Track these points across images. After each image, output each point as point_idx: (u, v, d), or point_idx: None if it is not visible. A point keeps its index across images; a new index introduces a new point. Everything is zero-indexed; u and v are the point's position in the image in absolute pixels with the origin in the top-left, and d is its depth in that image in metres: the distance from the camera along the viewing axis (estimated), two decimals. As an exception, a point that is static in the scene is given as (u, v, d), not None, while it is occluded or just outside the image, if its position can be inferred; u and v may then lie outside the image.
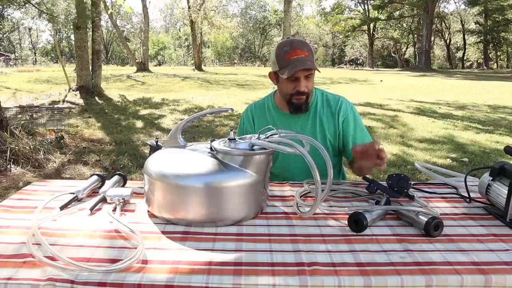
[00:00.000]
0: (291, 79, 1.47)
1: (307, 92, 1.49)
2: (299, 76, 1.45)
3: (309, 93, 1.51)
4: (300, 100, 1.51)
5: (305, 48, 1.45)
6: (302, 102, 1.51)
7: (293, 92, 1.49)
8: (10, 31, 49.27)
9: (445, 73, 24.51)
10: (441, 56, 46.44)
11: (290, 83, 1.48)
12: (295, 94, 1.49)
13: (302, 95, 1.49)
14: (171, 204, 1.02)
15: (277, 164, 1.59)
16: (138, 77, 16.47)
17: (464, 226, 1.04)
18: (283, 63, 1.45)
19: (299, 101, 1.51)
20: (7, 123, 4.33)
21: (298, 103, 1.52)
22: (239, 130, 1.72)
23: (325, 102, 1.60)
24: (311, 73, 1.48)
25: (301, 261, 0.83)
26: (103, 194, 1.16)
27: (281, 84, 1.52)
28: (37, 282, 0.75)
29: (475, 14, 37.40)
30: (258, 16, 49.58)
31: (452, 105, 8.80)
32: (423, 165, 1.39)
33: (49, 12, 8.06)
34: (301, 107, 1.53)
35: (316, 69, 1.46)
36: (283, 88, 1.52)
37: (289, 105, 1.55)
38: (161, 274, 0.78)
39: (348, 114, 1.59)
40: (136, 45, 40.90)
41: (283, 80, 1.48)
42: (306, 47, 1.46)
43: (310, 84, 1.50)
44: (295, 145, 0.98)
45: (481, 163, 4.22)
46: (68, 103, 8.38)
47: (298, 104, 1.52)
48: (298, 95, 1.49)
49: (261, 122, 1.62)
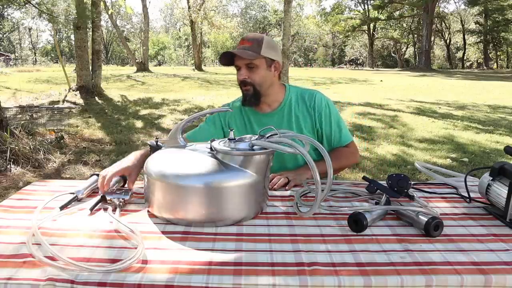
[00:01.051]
0: (236, 68, 1.50)
1: (250, 82, 1.48)
2: (238, 64, 1.48)
3: (255, 85, 1.49)
4: (247, 91, 1.50)
5: (251, 39, 1.46)
6: (249, 93, 1.50)
7: (239, 83, 1.51)
8: (10, 31, 49.27)
9: (445, 73, 24.51)
10: (441, 56, 46.44)
11: (236, 73, 1.51)
12: (241, 85, 1.51)
13: (245, 85, 1.49)
14: (171, 204, 1.02)
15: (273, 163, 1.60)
16: (138, 77, 16.47)
17: (464, 226, 1.04)
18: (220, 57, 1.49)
19: (246, 92, 1.50)
20: (7, 123, 4.33)
21: (245, 94, 1.51)
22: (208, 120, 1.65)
23: (300, 98, 1.59)
24: (253, 65, 1.46)
25: (301, 261, 0.83)
26: (102, 194, 1.16)
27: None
28: (37, 282, 0.75)
29: (475, 14, 37.40)
30: (258, 16, 49.55)
31: (452, 105, 8.80)
32: (423, 165, 1.39)
33: (49, 12, 8.05)
34: (247, 100, 1.52)
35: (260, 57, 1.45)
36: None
37: (242, 96, 1.56)
38: (161, 274, 0.78)
39: (323, 110, 1.57)
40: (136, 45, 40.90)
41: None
42: (253, 39, 1.47)
43: (255, 76, 1.48)
44: (295, 145, 0.98)
45: (481, 163, 4.22)
46: (68, 103, 8.38)
47: (245, 95, 1.52)
48: (242, 85, 1.50)
49: (237, 123, 1.60)
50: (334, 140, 1.59)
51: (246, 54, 1.43)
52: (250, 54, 1.43)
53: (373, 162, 4.27)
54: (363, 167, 4.03)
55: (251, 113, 1.60)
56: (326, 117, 1.57)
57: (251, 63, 1.46)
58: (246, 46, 1.45)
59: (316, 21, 44.41)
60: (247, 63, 1.46)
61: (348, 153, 1.61)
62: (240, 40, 1.50)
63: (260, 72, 1.48)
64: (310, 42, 48.43)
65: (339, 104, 8.39)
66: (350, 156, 1.63)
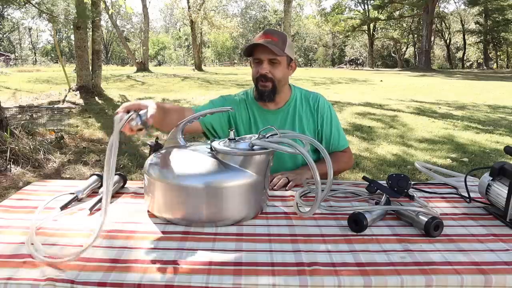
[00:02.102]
0: (256, 61, 1.48)
1: (271, 77, 1.47)
2: (262, 58, 1.45)
3: (274, 81, 1.48)
4: (265, 87, 1.48)
5: (276, 35, 1.45)
6: (267, 89, 1.49)
7: (257, 76, 1.48)
8: (10, 31, 49.27)
9: (445, 73, 24.51)
10: (441, 56, 46.44)
11: (255, 67, 1.49)
12: (260, 79, 1.48)
13: (266, 80, 1.47)
14: (171, 204, 1.02)
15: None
16: (138, 77, 16.48)
17: (464, 226, 1.04)
18: (249, 47, 1.47)
19: (264, 88, 1.49)
20: (7, 123, 4.33)
21: (262, 90, 1.49)
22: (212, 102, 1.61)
23: (304, 99, 1.60)
24: (277, 60, 1.46)
25: (301, 261, 0.83)
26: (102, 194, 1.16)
27: (252, 70, 1.53)
28: (37, 282, 0.75)
29: (475, 14, 37.39)
30: (258, 16, 49.57)
31: (452, 105, 8.80)
32: (423, 165, 1.39)
33: (49, 12, 8.05)
34: (264, 95, 1.51)
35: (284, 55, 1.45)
36: (252, 73, 1.53)
37: (256, 91, 1.53)
38: (161, 274, 0.78)
39: (326, 113, 1.59)
40: (136, 45, 40.91)
41: (252, 63, 1.50)
42: (278, 35, 1.46)
43: (276, 71, 1.47)
44: (295, 145, 0.98)
45: (481, 163, 4.22)
46: (68, 103, 8.38)
47: (262, 91, 1.50)
48: (262, 80, 1.47)
49: (242, 116, 1.59)
50: (333, 144, 1.61)
51: (276, 50, 1.42)
52: (278, 50, 1.43)
53: (373, 162, 4.27)
54: (363, 167, 4.03)
55: (256, 109, 1.59)
56: (327, 120, 1.59)
57: (275, 59, 1.45)
58: (272, 41, 1.43)
59: (316, 21, 44.42)
60: (271, 58, 1.45)
61: (346, 158, 1.64)
62: (263, 34, 1.47)
63: (282, 69, 1.49)
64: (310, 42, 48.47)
65: (339, 104, 8.39)
66: (347, 160, 1.66)
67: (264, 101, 1.54)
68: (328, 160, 1.00)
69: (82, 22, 8.56)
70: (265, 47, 1.42)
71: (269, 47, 1.41)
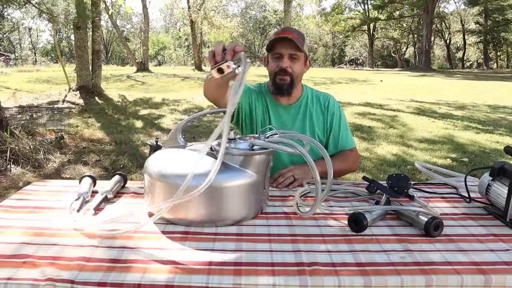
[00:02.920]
0: (276, 56, 1.50)
1: (290, 72, 1.50)
2: (282, 52, 1.48)
3: (293, 76, 1.51)
4: (284, 81, 1.51)
5: (295, 32, 1.49)
6: (286, 83, 1.51)
7: (276, 70, 1.50)
8: (10, 31, 49.25)
9: (445, 73, 24.51)
10: (441, 56, 46.42)
11: (274, 61, 1.51)
12: (279, 73, 1.50)
13: (285, 75, 1.49)
14: (171, 204, 1.01)
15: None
16: (138, 77, 16.47)
17: (464, 226, 1.04)
18: (271, 42, 1.49)
19: (283, 82, 1.51)
20: (7, 123, 4.33)
21: (281, 83, 1.51)
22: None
23: (315, 97, 1.64)
24: (297, 56, 1.49)
25: (301, 261, 0.83)
26: (105, 194, 1.16)
27: (269, 65, 1.55)
28: (37, 282, 0.75)
29: (475, 14, 37.38)
30: (258, 16, 49.56)
31: (452, 105, 8.80)
32: (423, 165, 1.39)
33: (49, 12, 8.05)
34: (283, 88, 1.53)
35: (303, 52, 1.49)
36: (269, 68, 1.55)
37: (273, 85, 1.55)
38: (161, 274, 0.78)
39: (335, 112, 1.63)
40: (136, 45, 40.90)
41: (270, 58, 1.52)
42: (297, 32, 1.50)
43: (295, 66, 1.50)
44: (295, 145, 0.98)
45: (481, 163, 4.22)
46: (68, 103, 8.38)
47: (281, 85, 1.52)
48: (281, 74, 1.49)
49: (257, 105, 1.61)
50: (341, 142, 1.63)
51: (300, 45, 1.46)
52: (299, 45, 1.46)
53: (373, 162, 4.27)
54: (363, 167, 4.03)
55: (269, 101, 1.62)
56: (336, 119, 1.63)
57: (296, 54, 1.49)
58: (294, 38, 1.46)
59: (316, 21, 44.39)
60: (292, 53, 1.48)
61: (353, 157, 1.66)
62: (282, 30, 1.52)
63: (300, 64, 1.52)
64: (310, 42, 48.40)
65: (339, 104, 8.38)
66: (354, 160, 1.68)
67: (282, 94, 1.55)
68: (328, 160, 1.00)
69: (82, 22, 8.56)
70: (286, 43, 1.45)
71: (294, 41, 1.44)
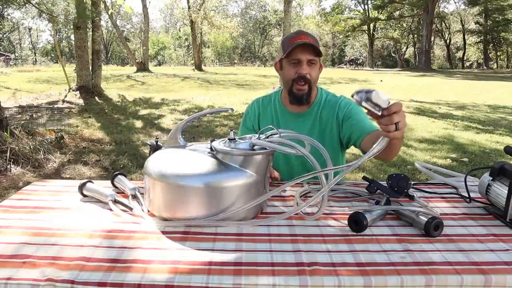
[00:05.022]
0: (293, 62, 1.42)
1: (309, 79, 1.43)
2: (301, 58, 1.41)
3: (311, 83, 1.44)
4: (302, 90, 1.44)
5: (310, 36, 1.42)
6: (304, 92, 1.44)
7: (294, 77, 1.43)
8: (10, 31, 49.24)
9: (445, 73, 24.51)
10: (441, 56, 46.42)
11: (292, 68, 1.43)
12: (297, 80, 1.43)
13: (303, 82, 1.42)
14: (171, 204, 1.02)
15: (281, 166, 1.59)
16: (138, 77, 16.47)
17: (464, 226, 1.04)
18: (287, 47, 1.41)
19: (300, 91, 1.44)
20: (7, 123, 4.33)
21: (298, 93, 1.45)
22: (243, 122, 1.67)
23: (328, 102, 1.55)
24: (315, 61, 1.43)
25: (301, 261, 0.83)
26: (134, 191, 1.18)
27: (284, 71, 1.47)
28: (36, 282, 0.75)
29: (475, 14, 37.38)
30: (258, 16, 49.54)
31: (452, 105, 8.80)
32: (423, 165, 1.39)
33: (49, 12, 8.05)
34: (302, 98, 1.46)
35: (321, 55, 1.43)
36: (285, 74, 1.47)
37: (290, 95, 1.48)
38: (161, 274, 0.78)
39: (348, 107, 1.50)
40: (136, 45, 40.90)
41: (286, 64, 1.44)
42: (312, 36, 1.43)
43: (313, 72, 1.44)
44: (296, 146, 0.98)
45: (481, 163, 4.22)
46: (68, 103, 8.39)
47: (299, 95, 1.45)
48: (300, 82, 1.42)
49: (265, 116, 1.59)
50: (366, 125, 1.44)
51: (318, 50, 1.40)
52: (318, 50, 1.41)
53: (373, 162, 4.27)
54: (363, 167, 4.03)
55: (280, 110, 1.57)
56: (350, 113, 1.49)
57: (314, 60, 1.42)
58: (311, 42, 1.40)
59: (316, 21, 44.38)
60: (311, 58, 1.42)
61: None
62: (297, 34, 1.43)
63: (317, 69, 1.46)
64: (310, 42, 48.29)
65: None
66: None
67: (302, 104, 1.49)
68: (329, 159, 1.00)
69: (82, 22, 8.56)
70: (304, 48, 1.39)
71: (313, 45, 1.39)
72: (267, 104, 1.62)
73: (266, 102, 1.63)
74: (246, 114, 1.67)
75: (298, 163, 1.55)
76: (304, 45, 1.40)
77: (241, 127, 1.69)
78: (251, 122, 1.64)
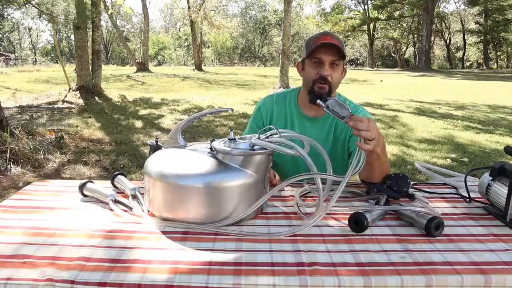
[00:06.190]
0: (315, 62, 1.39)
1: (330, 81, 1.38)
2: (324, 59, 1.37)
3: (332, 86, 1.39)
4: (323, 89, 1.38)
5: (335, 38, 1.38)
6: (324, 92, 1.38)
7: (316, 78, 1.38)
8: (10, 31, 49.22)
9: (445, 73, 24.51)
10: (441, 56, 46.41)
11: (313, 68, 1.39)
12: (318, 80, 1.38)
13: (325, 83, 1.37)
14: (171, 204, 1.02)
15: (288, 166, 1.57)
16: (138, 77, 16.47)
17: (464, 226, 1.04)
18: (310, 48, 1.38)
19: (321, 89, 1.38)
20: (7, 123, 4.33)
21: (319, 91, 1.38)
22: (253, 119, 1.62)
23: None
24: (338, 63, 1.39)
25: (301, 261, 0.83)
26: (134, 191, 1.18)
27: (305, 71, 1.44)
28: (36, 282, 0.75)
29: (475, 14, 37.38)
30: (258, 16, 49.51)
31: (452, 105, 8.80)
32: (423, 165, 1.39)
33: (49, 12, 8.05)
34: (322, 94, 1.38)
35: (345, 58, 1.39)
36: (306, 75, 1.43)
37: (310, 93, 1.42)
38: (161, 274, 0.78)
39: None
40: (136, 45, 40.89)
41: (308, 65, 1.41)
42: (337, 38, 1.39)
43: (335, 75, 1.39)
44: (295, 146, 0.98)
45: (481, 163, 4.22)
46: (68, 103, 8.38)
47: (319, 93, 1.37)
48: (321, 82, 1.37)
49: (279, 116, 1.54)
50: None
51: (342, 53, 1.36)
52: (342, 52, 1.37)
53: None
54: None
55: (296, 113, 1.53)
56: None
57: (337, 62, 1.38)
58: (336, 44, 1.36)
59: (316, 21, 44.36)
60: (334, 59, 1.38)
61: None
62: (323, 35, 1.39)
63: (339, 72, 1.42)
64: (310, 42, 48.29)
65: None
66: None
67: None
68: (328, 161, 1.00)
69: (82, 22, 8.56)
70: (328, 49, 1.35)
71: (338, 46, 1.35)
72: (282, 102, 1.57)
73: (281, 100, 1.57)
74: (256, 110, 1.61)
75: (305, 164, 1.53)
76: (327, 46, 1.35)
77: (250, 124, 1.62)
78: (262, 119, 1.58)
